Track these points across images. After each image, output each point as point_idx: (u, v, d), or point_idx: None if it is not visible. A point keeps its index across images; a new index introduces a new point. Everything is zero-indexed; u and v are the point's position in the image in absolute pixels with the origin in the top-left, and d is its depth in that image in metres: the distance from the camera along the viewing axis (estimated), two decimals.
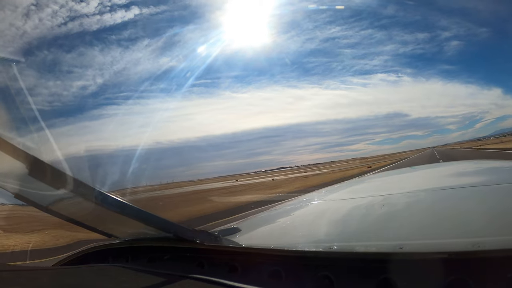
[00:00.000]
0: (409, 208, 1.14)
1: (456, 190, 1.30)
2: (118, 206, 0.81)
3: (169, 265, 0.95)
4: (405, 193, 1.38)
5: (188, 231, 0.90)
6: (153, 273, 0.87)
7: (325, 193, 1.94)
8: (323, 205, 1.56)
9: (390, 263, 0.63)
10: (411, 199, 1.26)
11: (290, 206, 1.72)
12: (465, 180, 1.63)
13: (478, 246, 0.61)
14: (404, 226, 0.92)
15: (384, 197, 1.37)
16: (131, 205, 0.82)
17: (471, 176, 1.86)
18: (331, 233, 1.02)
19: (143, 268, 0.93)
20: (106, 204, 0.80)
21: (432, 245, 0.72)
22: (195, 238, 0.89)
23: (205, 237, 0.90)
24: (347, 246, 0.82)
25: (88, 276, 0.93)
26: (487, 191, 1.21)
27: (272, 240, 1.05)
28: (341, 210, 1.32)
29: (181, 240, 0.89)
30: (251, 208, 8.21)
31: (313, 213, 1.43)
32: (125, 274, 0.91)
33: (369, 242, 0.85)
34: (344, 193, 1.84)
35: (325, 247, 0.81)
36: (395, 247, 0.69)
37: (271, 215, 1.61)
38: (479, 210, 0.97)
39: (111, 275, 0.92)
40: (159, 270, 0.89)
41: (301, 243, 0.93)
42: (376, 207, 1.20)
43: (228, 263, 0.83)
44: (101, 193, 0.79)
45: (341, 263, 0.69)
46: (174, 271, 0.87)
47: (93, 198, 0.79)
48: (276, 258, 0.77)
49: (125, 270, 0.94)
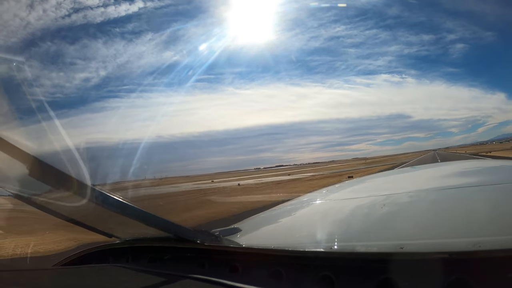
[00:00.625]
0: (410, 208, 1.14)
1: (457, 190, 1.30)
2: (118, 207, 0.81)
3: (170, 265, 0.95)
4: (405, 193, 1.38)
5: (188, 231, 0.90)
6: (153, 273, 0.87)
7: (326, 193, 1.94)
8: (323, 205, 1.56)
9: (391, 263, 0.63)
10: (411, 199, 1.26)
11: (290, 206, 1.73)
12: (466, 180, 1.63)
13: (479, 246, 0.61)
14: (405, 226, 0.93)
15: (385, 197, 1.37)
16: (131, 206, 0.82)
17: (471, 175, 1.86)
18: (332, 233, 1.03)
19: (143, 268, 0.94)
20: (106, 204, 0.80)
21: (432, 245, 0.72)
22: (196, 238, 0.89)
23: (206, 237, 0.91)
24: (348, 246, 0.82)
25: (88, 276, 0.94)
26: (488, 190, 1.21)
27: (273, 240, 1.05)
28: (342, 210, 1.32)
29: (182, 240, 0.89)
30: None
31: (314, 213, 1.43)
32: (126, 274, 0.91)
33: (370, 242, 0.85)
34: (345, 193, 1.85)
35: (325, 247, 0.81)
36: (396, 247, 0.69)
37: (272, 215, 1.61)
38: (480, 210, 0.97)
39: (111, 275, 0.93)
40: (159, 270, 0.89)
41: (302, 243, 0.94)
42: (377, 207, 1.20)
43: (229, 263, 0.83)
44: (102, 194, 0.80)
45: (341, 263, 0.69)
46: (174, 271, 0.87)
47: (94, 198, 0.79)
48: (277, 258, 0.77)
49: (125, 270, 0.95)
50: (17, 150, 0.70)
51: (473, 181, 1.56)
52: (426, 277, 0.60)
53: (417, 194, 1.34)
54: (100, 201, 0.79)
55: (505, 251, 0.58)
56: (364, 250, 0.76)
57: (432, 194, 1.30)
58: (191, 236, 0.89)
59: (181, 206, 12.11)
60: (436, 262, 0.59)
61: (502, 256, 0.58)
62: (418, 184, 1.74)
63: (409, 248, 0.68)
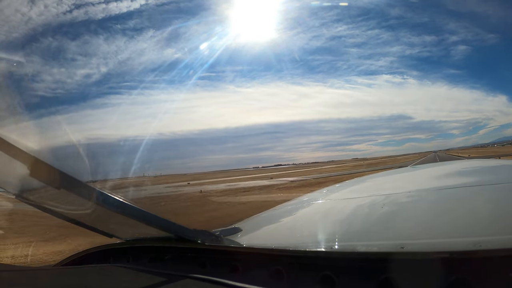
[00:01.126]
0: (410, 207, 1.15)
1: (457, 190, 1.31)
2: (119, 207, 0.81)
3: (170, 265, 0.95)
4: (406, 192, 1.38)
5: (189, 231, 0.90)
6: (154, 273, 0.87)
7: (327, 192, 1.94)
8: (324, 205, 1.56)
9: (392, 263, 0.63)
10: (412, 198, 1.27)
11: (291, 205, 1.73)
12: (466, 180, 1.63)
13: (480, 246, 0.61)
14: (405, 226, 0.93)
15: (385, 197, 1.37)
16: (132, 205, 0.83)
17: (471, 175, 1.86)
18: (332, 232, 1.03)
19: (144, 268, 0.94)
20: (107, 204, 0.80)
21: (433, 245, 0.73)
22: (196, 238, 0.89)
23: (206, 237, 0.91)
24: (348, 246, 0.82)
25: (89, 276, 0.94)
26: (488, 190, 1.21)
27: (273, 240, 1.05)
28: (342, 209, 1.32)
29: (182, 240, 0.90)
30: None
31: (314, 213, 1.44)
32: (127, 274, 0.91)
33: (370, 241, 0.85)
34: (345, 192, 1.85)
35: (326, 246, 0.81)
36: (396, 247, 0.69)
37: (273, 214, 1.61)
38: (481, 209, 0.97)
39: (112, 275, 0.93)
40: (160, 270, 0.89)
41: (303, 243, 0.94)
42: (377, 206, 1.20)
43: (230, 263, 0.83)
44: (102, 194, 0.80)
45: (342, 263, 0.70)
46: (175, 271, 0.87)
47: (94, 198, 0.79)
48: (278, 258, 0.77)
49: (126, 270, 0.95)
50: (17, 150, 0.70)
51: (473, 180, 1.56)
52: (427, 277, 0.60)
53: (417, 193, 1.34)
54: (100, 201, 0.79)
55: (506, 251, 0.58)
56: (364, 250, 0.76)
57: (432, 193, 1.30)
58: (191, 236, 0.89)
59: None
60: (436, 262, 0.60)
61: (503, 256, 0.58)
62: (418, 183, 1.74)
63: (409, 248, 0.68)
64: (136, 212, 0.83)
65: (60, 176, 0.75)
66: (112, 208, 0.81)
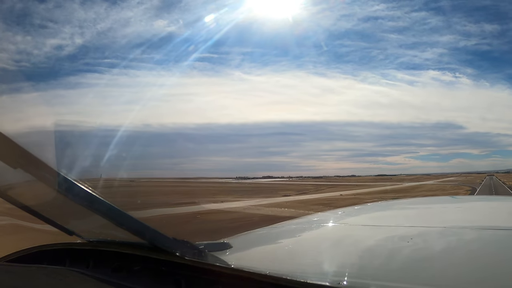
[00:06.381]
0: (444, 246, 1.05)
1: (509, 232, 1.18)
2: (85, 198, 0.75)
3: (138, 279, 0.88)
4: (441, 227, 1.28)
5: (167, 240, 0.84)
6: (117, 286, 0.80)
7: (342, 214, 1.84)
8: (336, 229, 1.49)
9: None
10: (448, 235, 1.16)
11: (296, 225, 1.64)
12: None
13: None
14: (435, 268, 0.84)
15: (414, 229, 1.28)
16: (101, 199, 0.76)
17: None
18: (342, 265, 0.96)
19: (106, 278, 0.86)
20: (71, 194, 0.74)
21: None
22: (175, 249, 0.82)
23: (188, 250, 0.84)
24: (360, 284, 0.75)
25: (36, 278, 0.86)
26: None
27: (269, 264, 0.98)
28: (359, 238, 1.24)
29: (157, 249, 0.82)
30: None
31: (323, 237, 1.36)
32: (84, 282, 0.84)
33: (388, 282, 0.77)
34: (365, 218, 1.76)
35: (332, 281, 0.74)
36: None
37: (272, 233, 1.53)
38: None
39: (66, 281, 0.85)
40: (125, 283, 0.82)
41: (304, 272, 0.87)
42: (402, 240, 1.11)
43: (212, 284, 0.76)
44: (67, 180, 0.73)
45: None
46: (143, 287, 0.80)
47: (56, 184, 0.72)
48: (271, 286, 0.69)
49: (84, 277, 0.87)
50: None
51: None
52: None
53: (457, 231, 1.23)
54: (63, 189, 0.72)
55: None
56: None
57: (475, 233, 1.18)
58: (170, 246, 0.82)
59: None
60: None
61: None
62: (460, 218, 1.59)
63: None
64: (105, 208, 0.76)
65: (17, 152, 0.67)
66: (77, 200, 0.75)
